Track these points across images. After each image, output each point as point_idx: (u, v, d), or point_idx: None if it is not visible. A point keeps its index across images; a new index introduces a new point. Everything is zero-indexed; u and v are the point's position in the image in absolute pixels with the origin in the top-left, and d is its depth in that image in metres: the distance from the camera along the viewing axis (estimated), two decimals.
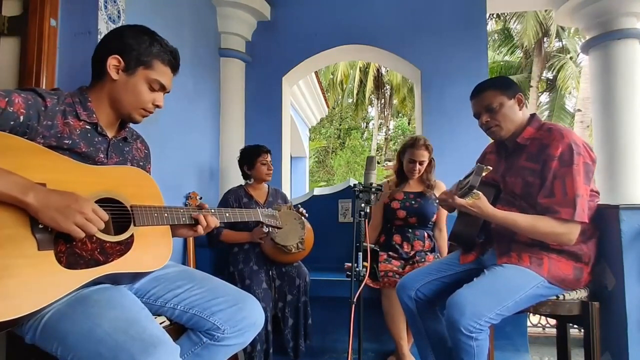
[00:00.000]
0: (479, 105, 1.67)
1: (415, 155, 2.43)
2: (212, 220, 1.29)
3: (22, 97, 1.01)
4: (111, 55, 1.16)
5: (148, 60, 1.19)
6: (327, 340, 2.56)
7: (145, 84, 1.21)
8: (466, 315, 1.42)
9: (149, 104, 1.23)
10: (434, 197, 2.49)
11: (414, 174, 2.48)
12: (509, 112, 1.62)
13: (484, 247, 1.73)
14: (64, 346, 0.96)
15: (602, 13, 2.93)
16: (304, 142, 7.93)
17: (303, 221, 2.37)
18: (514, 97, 1.63)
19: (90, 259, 1.02)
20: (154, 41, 1.21)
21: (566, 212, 1.46)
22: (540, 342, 2.98)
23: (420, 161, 2.44)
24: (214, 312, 1.21)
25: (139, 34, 1.20)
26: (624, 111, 2.89)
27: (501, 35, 14.31)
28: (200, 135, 2.98)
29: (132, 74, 1.19)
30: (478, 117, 1.69)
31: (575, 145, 1.49)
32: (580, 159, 1.48)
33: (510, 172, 1.65)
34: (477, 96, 1.68)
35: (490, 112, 1.63)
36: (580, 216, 1.46)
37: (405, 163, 2.49)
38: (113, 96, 1.19)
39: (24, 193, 0.89)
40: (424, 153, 2.43)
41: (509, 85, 1.66)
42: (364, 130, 20.88)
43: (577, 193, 1.46)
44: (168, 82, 1.26)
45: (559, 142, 1.51)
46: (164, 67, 1.23)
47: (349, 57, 4.50)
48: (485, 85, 1.68)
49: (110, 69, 1.17)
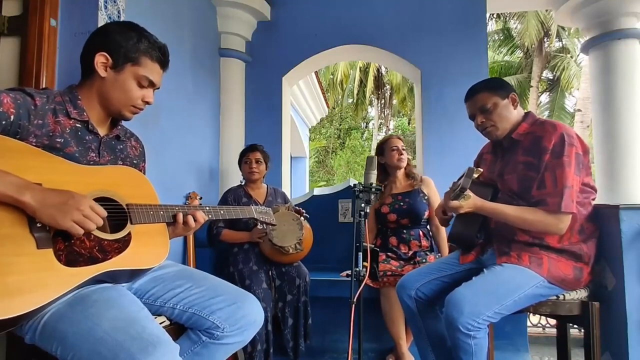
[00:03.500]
0: (473, 107, 1.69)
1: (393, 142, 2.55)
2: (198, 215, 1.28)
3: (11, 96, 1.01)
4: (98, 53, 1.16)
5: (136, 57, 1.18)
6: (327, 340, 2.56)
7: (134, 81, 1.20)
8: (465, 314, 1.42)
9: (139, 100, 1.23)
10: (422, 193, 2.50)
11: (402, 160, 2.54)
12: (504, 112, 1.64)
13: (483, 247, 1.73)
14: (64, 346, 0.96)
15: (602, 13, 2.92)
16: (304, 142, 7.92)
17: (301, 222, 2.37)
18: (508, 96, 1.65)
19: (89, 257, 1.02)
20: (142, 37, 1.20)
21: (554, 203, 1.47)
22: (540, 342, 2.98)
23: (402, 147, 2.55)
24: (213, 311, 1.21)
25: (126, 30, 1.20)
26: (624, 111, 2.88)
27: (501, 35, 14.31)
28: (200, 135, 2.98)
29: (120, 71, 1.18)
30: (473, 118, 1.71)
31: (568, 136, 1.50)
32: (572, 150, 1.49)
33: (507, 168, 1.66)
34: (470, 98, 1.70)
35: (485, 113, 1.65)
36: (568, 207, 1.46)
37: (389, 156, 2.54)
38: (102, 94, 1.19)
39: (21, 193, 0.89)
40: (399, 141, 2.57)
41: (501, 86, 1.67)
42: (364, 130, 20.87)
43: (565, 184, 1.47)
44: (157, 78, 1.25)
45: (552, 134, 1.52)
46: (152, 63, 1.22)
47: (349, 57, 4.50)
48: (477, 88, 1.69)
49: (98, 67, 1.16)
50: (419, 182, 2.55)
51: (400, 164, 2.53)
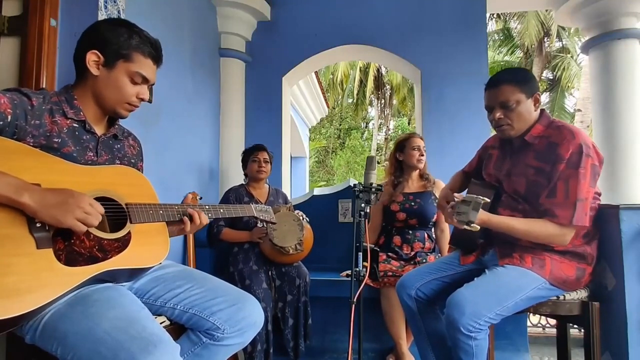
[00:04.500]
0: (494, 99, 1.54)
1: (416, 142, 2.50)
2: (203, 216, 1.29)
3: (8, 97, 1.00)
4: (90, 51, 1.15)
5: (127, 53, 1.17)
6: (327, 340, 2.56)
7: (127, 78, 1.19)
8: (466, 315, 1.42)
9: (133, 97, 1.21)
10: (434, 196, 2.49)
11: (422, 161, 2.50)
12: (524, 112, 1.52)
13: (484, 247, 1.72)
14: (64, 346, 0.96)
15: (602, 13, 2.93)
16: (304, 142, 7.92)
17: (302, 222, 2.36)
18: (532, 95, 1.53)
19: (89, 256, 1.02)
20: (133, 33, 1.19)
21: (564, 216, 1.43)
22: (540, 342, 2.98)
23: (423, 147, 2.51)
24: (213, 312, 1.21)
25: (116, 27, 1.19)
26: (624, 111, 2.88)
27: (501, 35, 14.30)
28: (200, 135, 2.98)
29: (112, 68, 1.17)
30: (490, 110, 1.58)
31: (586, 147, 1.43)
32: (588, 161, 1.43)
33: (516, 170, 1.60)
34: (493, 88, 1.54)
35: (505, 109, 1.52)
36: (581, 220, 1.42)
37: (409, 155, 2.49)
38: (96, 92, 1.18)
39: (19, 194, 0.89)
40: (421, 141, 2.54)
41: (528, 81, 1.53)
42: (364, 130, 20.87)
43: (579, 197, 1.42)
44: (150, 74, 1.23)
45: (570, 142, 1.44)
46: (145, 58, 1.21)
47: (349, 57, 4.51)
48: (504, 78, 1.54)
49: (90, 65, 1.15)
50: (431, 184, 2.52)
51: (419, 164, 2.50)
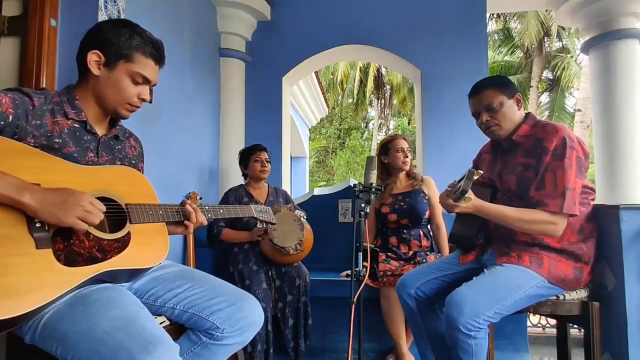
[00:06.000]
0: (479, 104, 1.66)
1: (400, 143, 2.51)
2: (200, 216, 1.29)
3: (9, 97, 1.00)
4: (91, 51, 1.15)
5: (128, 53, 1.17)
6: (327, 340, 2.56)
7: (128, 78, 1.18)
8: (465, 314, 1.42)
9: (134, 98, 1.21)
10: (423, 193, 2.49)
11: (407, 162, 2.51)
12: (509, 112, 1.62)
13: (483, 247, 1.73)
14: (64, 346, 0.96)
15: (602, 13, 2.93)
16: (304, 142, 7.93)
17: (302, 222, 2.36)
18: (513, 96, 1.64)
19: (89, 257, 1.02)
20: (134, 33, 1.19)
21: (555, 205, 1.46)
22: (540, 342, 2.98)
23: (407, 149, 2.52)
24: (213, 312, 1.21)
25: (117, 27, 1.19)
26: (624, 111, 2.89)
27: (501, 35, 14.31)
28: (200, 135, 2.98)
29: (113, 69, 1.17)
30: (477, 116, 1.69)
31: (569, 140, 1.50)
32: (573, 153, 1.48)
33: (506, 169, 1.66)
34: (476, 95, 1.67)
35: (490, 112, 1.63)
36: (570, 208, 1.46)
37: (394, 156, 2.50)
38: (97, 92, 1.18)
39: (20, 193, 0.89)
40: (405, 142, 2.53)
41: (507, 85, 1.66)
42: (364, 130, 20.87)
43: (567, 186, 1.46)
44: (152, 74, 1.22)
45: (554, 136, 1.51)
46: (146, 59, 1.20)
47: (349, 57, 4.50)
48: (484, 84, 1.66)
49: (91, 65, 1.15)
50: (419, 182, 2.53)
51: (404, 166, 2.50)
